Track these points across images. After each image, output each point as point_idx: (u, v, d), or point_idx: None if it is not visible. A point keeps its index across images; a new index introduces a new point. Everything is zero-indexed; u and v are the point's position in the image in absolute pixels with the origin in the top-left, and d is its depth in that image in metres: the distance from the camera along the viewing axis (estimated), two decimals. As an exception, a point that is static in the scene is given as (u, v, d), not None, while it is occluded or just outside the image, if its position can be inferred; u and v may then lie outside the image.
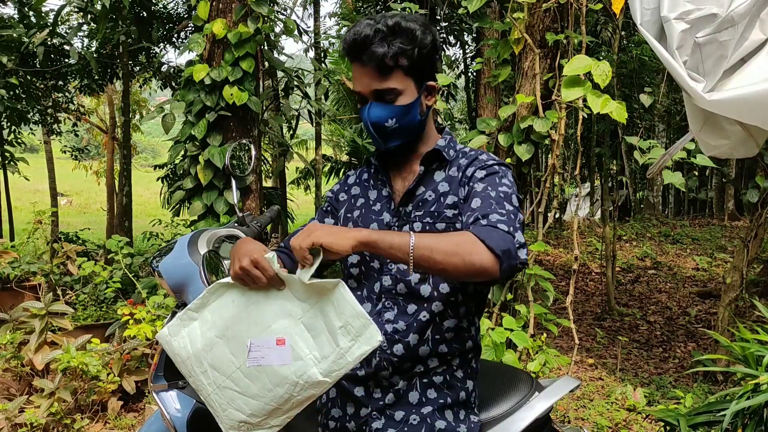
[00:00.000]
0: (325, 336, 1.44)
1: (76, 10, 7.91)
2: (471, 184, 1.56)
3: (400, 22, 1.52)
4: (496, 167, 1.59)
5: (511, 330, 3.41)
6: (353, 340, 1.40)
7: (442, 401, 1.59)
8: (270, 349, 1.46)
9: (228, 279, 1.54)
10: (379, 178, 1.72)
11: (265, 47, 5.64)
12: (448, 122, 15.80)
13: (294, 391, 1.46)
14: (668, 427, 2.73)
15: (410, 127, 1.61)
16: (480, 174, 1.57)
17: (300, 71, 7.29)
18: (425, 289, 1.58)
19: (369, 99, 1.57)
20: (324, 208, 1.82)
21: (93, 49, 9.33)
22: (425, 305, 1.58)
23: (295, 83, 6.89)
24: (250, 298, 1.51)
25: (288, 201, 10.62)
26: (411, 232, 1.36)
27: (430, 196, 1.61)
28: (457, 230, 1.56)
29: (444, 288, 1.58)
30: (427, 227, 1.58)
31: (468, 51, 12.64)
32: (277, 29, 6.36)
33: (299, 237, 1.36)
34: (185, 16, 9.58)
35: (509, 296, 3.96)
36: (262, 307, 1.50)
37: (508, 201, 1.50)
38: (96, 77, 9.49)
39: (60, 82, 9.61)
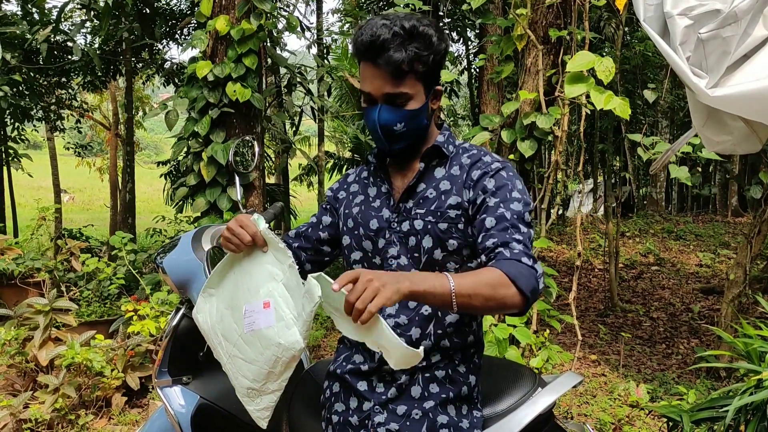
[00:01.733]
0: (299, 295, 1.47)
1: (79, 6, 7.90)
2: (479, 193, 1.55)
3: (417, 26, 1.50)
4: (504, 174, 1.58)
5: (514, 326, 3.42)
6: (305, 299, 1.42)
7: (444, 396, 1.59)
8: (259, 312, 1.51)
9: (226, 257, 1.63)
10: (378, 175, 1.73)
11: (268, 44, 5.64)
12: (451, 119, 15.80)
13: (278, 352, 1.49)
14: (671, 423, 2.73)
15: (417, 130, 1.61)
16: (490, 185, 1.56)
17: (303, 68, 7.29)
18: (427, 285, 1.58)
19: (378, 101, 1.56)
20: (324, 206, 1.84)
21: (96, 45, 9.34)
22: (427, 300, 1.59)
23: (298, 80, 6.88)
24: (244, 267, 1.58)
25: (291, 197, 10.63)
26: (449, 277, 1.33)
27: (431, 193, 1.61)
28: (459, 231, 1.57)
29: (446, 284, 1.58)
30: (429, 225, 1.58)
31: (471, 47, 12.62)
32: (280, 26, 6.36)
33: (363, 297, 1.23)
34: (188, 12, 9.58)
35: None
36: (253, 274, 1.56)
37: (522, 221, 1.51)
38: (99, 74, 9.50)
39: (63, 79, 9.63)
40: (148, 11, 8.49)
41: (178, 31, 9.79)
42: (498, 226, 1.49)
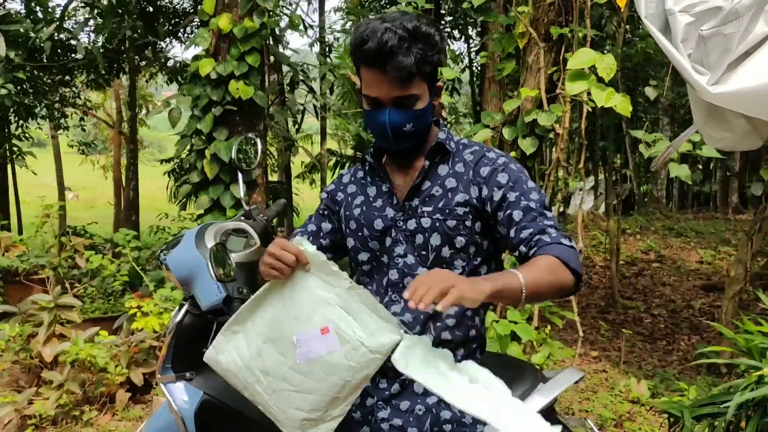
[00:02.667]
0: (366, 313, 1.46)
1: (82, 5, 7.93)
2: (495, 189, 1.57)
3: (419, 26, 1.49)
4: (513, 167, 1.61)
5: (516, 322, 3.43)
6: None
7: (447, 391, 1.60)
8: (315, 340, 1.47)
9: (261, 289, 1.57)
10: (377, 174, 1.72)
11: (271, 42, 5.65)
12: (453, 116, 15.78)
13: (348, 375, 1.47)
14: (672, 419, 2.74)
15: (424, 128, 1.62)
16: (503, 179, 1.58)
17: (305, 66, 7.30)
18: (431, 283, 1.59)
19: (386, 105, 1.55)
20: (320, 211, 1.81)
21: (99, 44, 9.36)
22: (431, 297, 1.59)
23: (301, 78, 6.91)
24: (285, 296, 1.53)
25: (293, 195, 10.66)
26: (514, 271, 1.37)
27: (437, 191, 1.61)
28: (466, 228, 1.58)
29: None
30: (437, 223, 1.58)
31: (472, 45, 12.62)
32: (283, 24, 6.37)
33: (434, 290, 1.25)
34: (191, 10, 9.59)
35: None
36: (299, 302, 1.51)
37: (545, 207, 1.56)
38: (102, 72, 9.52)
39: (67, 77, 9.64)
40: (151, 9, 8.51)
41: (181, 29, 9.79)
42: (527, 217, 1.52)
